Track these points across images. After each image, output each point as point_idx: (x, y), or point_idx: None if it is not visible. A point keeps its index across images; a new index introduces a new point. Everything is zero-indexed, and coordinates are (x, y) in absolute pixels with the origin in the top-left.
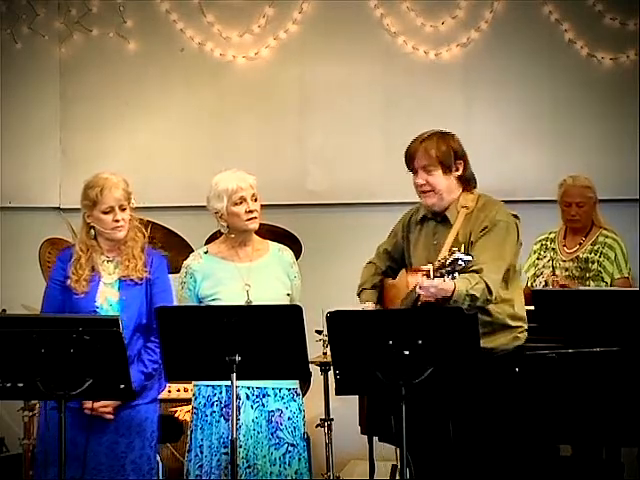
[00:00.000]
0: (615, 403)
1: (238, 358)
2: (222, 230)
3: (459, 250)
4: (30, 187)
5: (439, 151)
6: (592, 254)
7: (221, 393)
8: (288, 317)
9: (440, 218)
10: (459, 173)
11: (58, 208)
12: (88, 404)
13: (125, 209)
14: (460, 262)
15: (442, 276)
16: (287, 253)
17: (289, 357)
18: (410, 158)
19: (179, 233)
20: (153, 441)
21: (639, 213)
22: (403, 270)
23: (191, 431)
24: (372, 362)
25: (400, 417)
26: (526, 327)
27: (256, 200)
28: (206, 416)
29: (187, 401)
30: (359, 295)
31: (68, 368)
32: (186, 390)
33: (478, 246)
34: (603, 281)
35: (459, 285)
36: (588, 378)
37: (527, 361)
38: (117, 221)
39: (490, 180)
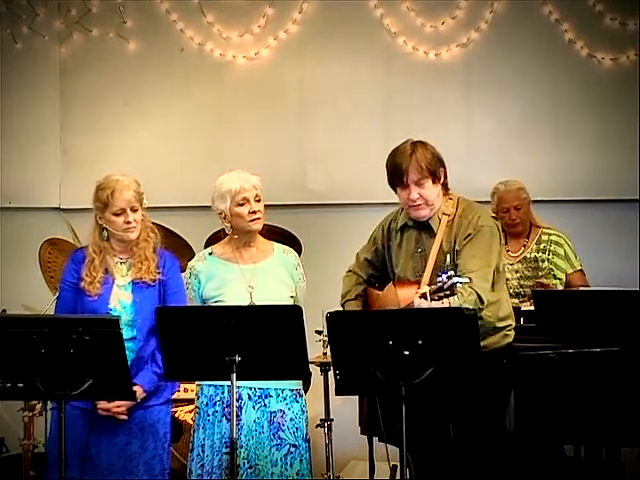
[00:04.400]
0: (615, 403)
1: (238, 358)
2: (227, 231)
3: (452, 269)
4: (30, 187)
5: (428, 162)
6: (540, 253)
7: (223, 393)
8: (288, 317)
9: (422, 226)
10: (442, 180)
11: (58, 208)
12: (102, 404)
13: (137, 210)
14: (458, 285)
15: (440, 299)
16: (292, 255)
17: (289, 357)
18: (402, 173)
19: (179, 233)
20: (166, 442)
21: (639, 213)
22: (390, 284)
23: (194, 430)
24: (372, 362)
25: (400, 417)
26: (514, 324)
27: (259, 201)
28: (208, 416)
29: (187, 401)
30: (343, 306)
31: (68, 368)
32: (186, 390)
33: (464, 254)
34: (556, 278)
35: (454, 300)
36: (588, 378)
37: (527, 361)
38: (129, 222)
39: (490, 180)
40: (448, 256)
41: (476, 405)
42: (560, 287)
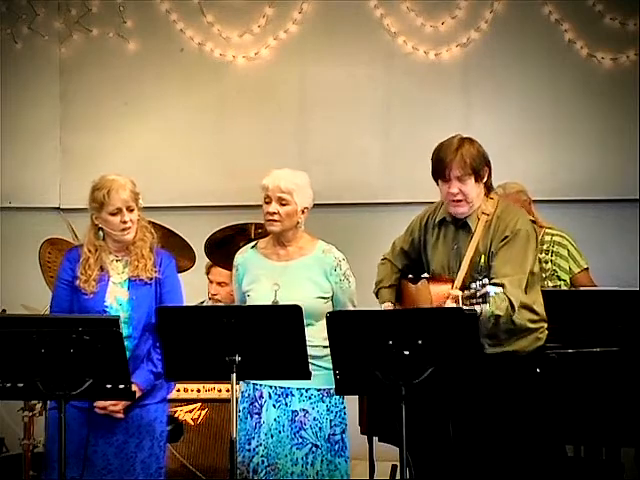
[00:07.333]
0: (615, 403)
1: (238, 358)
2: None
3: (486, 276)
4: (30, 187)
5: (473, 159)
6: (543, 254)
7: (250, 390)
8: (288, 317)
9: (460, 224)
10: (485, 180)
11: (58, 208)
12: (99, 403)
13: (133, 210)
14: (492, 293)
15: (472, 305)
16: (331, 255)
17: (289, 357)
18: (445, 167)
19: (179, 233)
20: (162, 441)
21: (639, 213)
22: (424, 280)
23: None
24: (372, 362)
25: (400, 417)
26: (546, 326)
27: (285, 205)
28: (239, 412)
29: (187, 401)
30: (376, 293)
31: (68, 368)
32: (186, 390)
33: (499, 257)
34: (560, 279)
35: (485, 308)
36: (588, 378)
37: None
38: (125, 222)
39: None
40: (483, 257)
41: (477, 404)
42: (564, 288)
